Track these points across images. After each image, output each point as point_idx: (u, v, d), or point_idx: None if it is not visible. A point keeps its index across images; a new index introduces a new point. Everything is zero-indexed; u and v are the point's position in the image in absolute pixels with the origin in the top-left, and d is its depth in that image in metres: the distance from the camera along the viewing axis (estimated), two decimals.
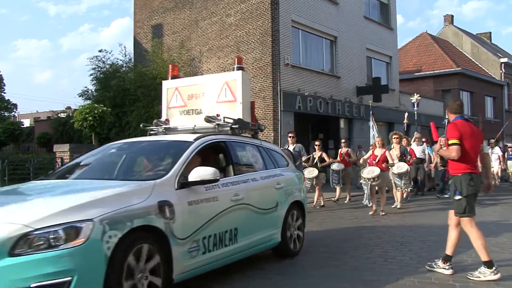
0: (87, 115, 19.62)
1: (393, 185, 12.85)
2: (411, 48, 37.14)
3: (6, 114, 44.82)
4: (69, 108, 42.80)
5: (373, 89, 23.94)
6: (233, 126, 6.65)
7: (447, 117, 19.61)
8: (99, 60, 24.42)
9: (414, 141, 17.14)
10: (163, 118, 7.56)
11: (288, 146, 12.19)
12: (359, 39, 24.52)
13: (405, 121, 21.01)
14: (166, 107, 7.62)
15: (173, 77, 7.92)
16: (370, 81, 24.62)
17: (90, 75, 24.59)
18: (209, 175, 5.06)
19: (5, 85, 44.78)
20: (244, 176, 6.18)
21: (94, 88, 25.11)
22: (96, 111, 19.57)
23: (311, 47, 22.29)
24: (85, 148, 14.62)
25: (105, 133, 22.35)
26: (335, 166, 14.45)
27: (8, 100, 46.48)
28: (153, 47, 23.51)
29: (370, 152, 12.47)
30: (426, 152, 16.83)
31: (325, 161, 13.68)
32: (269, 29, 19.57)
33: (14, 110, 49.42)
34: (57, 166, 13.56)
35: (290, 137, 12.49)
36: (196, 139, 5.76)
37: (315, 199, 13.38)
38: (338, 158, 15.00)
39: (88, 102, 23.56)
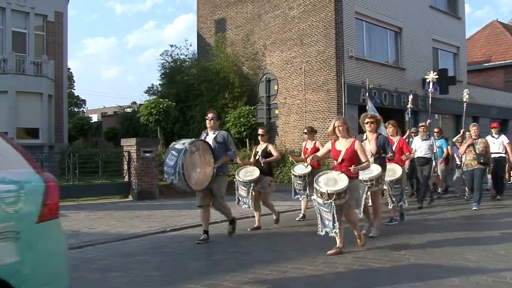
0: (152, 110, 20.17)
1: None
2: (479, 37, 35.72)
3: (75, 109, 46.61)
4: (134, 103, 44.04)
5: (440, 81, 23.22)
6: None
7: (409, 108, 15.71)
8: (168, 55, 25.02)
9: (411, 131, 14.15)
10: None
11: (206, 135, 8.03)
12: (425, 29, 23.83)
13: (410, 105, 15.94)
14: None
15: None
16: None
17: (159, 70, 25.26)
18: None
19: (74, 82, 46.67)
20: None
21: (159, 83, 25.77)
22: (161, 106, 20.09)
23: (375, 39, 21.89)
24: (151, 142, 14.93)
25: (169, 127, 22.87)
26: (297, 169, 9.72)
27: (78, 96, 48.45)
28: (216, 42, 23.76)
29: (328, 145, 7.12)
30: (435, 149, 12.56)
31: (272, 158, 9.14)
32: (333, 21, 19.36)
33: (83, 105, 51.38)
34: (124, 160, 13.89)
35: (208, 118, 8.02)
36: None
37: (274, 214, 9.28)
38: (302, 155, 10.27)
39: (153, 97, 24.22)
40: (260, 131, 9.54)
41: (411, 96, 16.06)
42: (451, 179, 15.18)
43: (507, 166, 14.04)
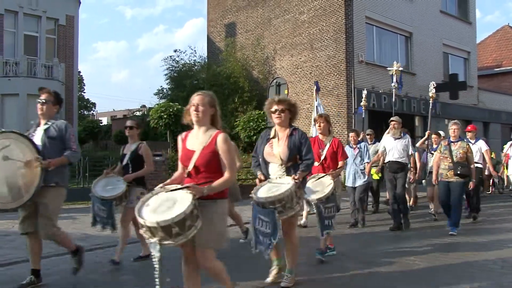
0: (162, 113, 20.20)
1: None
2: (490, 42, 35.52)
3: (85, 112, 46.82)
4: (144, 106, 44.13)
5: (450, 86, 23.12)
6: None
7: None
8: (173, 60, 25.10)
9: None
10: None
11: (37, 127, 5.40)
12: (435, 34, 23.76)
13: (363, 102, 14.32)
14: None
15: None
16: (446, 78, 23.81)
17: (165, 74, 25.37)
18: None
19: (85, 85, 46.92)
20: None
21: (168, 87, 25.85)
22: (171, 110, 20.13)
23: (386, 44, 21.85)
24: (161, 146, 14.98)
25: (179, 131, 22.86)
26: None
27: (88, 99, 48.67)
28: (226, 46, 23.82)
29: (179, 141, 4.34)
30: (411, 151, 9.55)
31: (142, 165, 6.49)
32: (343, 26, 19.35)
33: (93, 109, 51.64)
34: None
35: (39, 102, 5.41)
36: None
37: (120, 244, 6.42)
38: None
39: (163, 101, 24.31)
40: (128, 122, 6.72)
41: (365, 92, 14.86)
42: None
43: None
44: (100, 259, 6.72)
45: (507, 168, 14.43)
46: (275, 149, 5.23)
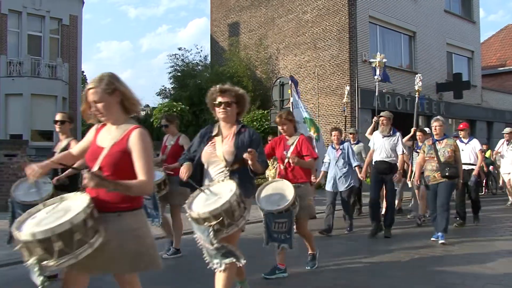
0: (166, 113, 20.23)
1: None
2: (494, 41, 35.41)
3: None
4: (147, 106, 44.19)
5: (454, 86, 23.14)
6: None
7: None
8: (177, 59, 25.12)
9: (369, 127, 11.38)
10: None
11: None
12: (439, 33, 23.70)
13: (345, 99, 14.50)
14: None
15: None
16: (450, 77, 23.81)
17: (169, 73, 25.38)
18: None
19: None
20: None
21: (172, 86, 25.88)
22: (174, 109, 20.17)
23: (389, 43, 21.81)
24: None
25: (182, 131, 22.86)
26: None
27: None
28: (229, 46, 23.84)
29: (89, 134, 3.34)
30: (402, 151, 8.50)
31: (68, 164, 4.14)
32: (346, 26, 19.34)
33: None
34: None
35: None
36: None
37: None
38: (160, 156, 7.12)
39: (166, 100, 24.34)
40: (57, 116, 5.93)
41: (347, 87, 14.73)
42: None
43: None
44: None
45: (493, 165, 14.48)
46: (218, 149, 4.18)
